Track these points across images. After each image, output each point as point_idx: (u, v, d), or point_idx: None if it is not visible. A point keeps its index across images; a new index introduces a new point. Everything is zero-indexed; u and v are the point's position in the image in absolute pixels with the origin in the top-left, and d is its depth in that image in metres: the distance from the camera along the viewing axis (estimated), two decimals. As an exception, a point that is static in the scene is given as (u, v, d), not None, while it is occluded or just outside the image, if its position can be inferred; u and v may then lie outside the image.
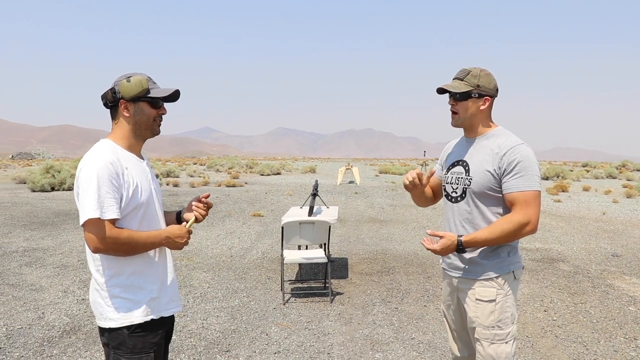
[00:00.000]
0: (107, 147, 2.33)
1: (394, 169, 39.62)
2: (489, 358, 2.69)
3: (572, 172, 34.78)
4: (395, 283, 6.85)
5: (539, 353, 4.58)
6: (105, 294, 2.29)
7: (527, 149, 2.65)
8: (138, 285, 2.33)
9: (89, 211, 2.16)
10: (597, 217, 13.60)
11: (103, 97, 2.40)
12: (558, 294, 6.38)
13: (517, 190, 2.60)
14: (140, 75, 2.37)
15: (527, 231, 2.61)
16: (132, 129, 2.40)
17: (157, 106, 2.43)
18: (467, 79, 2.73)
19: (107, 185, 2.20)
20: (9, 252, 8.49)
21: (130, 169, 2.33)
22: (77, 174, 2.25)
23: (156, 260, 2.42)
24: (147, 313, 2.34)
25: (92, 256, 2.30)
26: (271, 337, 4.94)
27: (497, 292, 2.69)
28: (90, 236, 2.17)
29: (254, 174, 36.58)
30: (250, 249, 9.03)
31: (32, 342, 4.74)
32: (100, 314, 2.31)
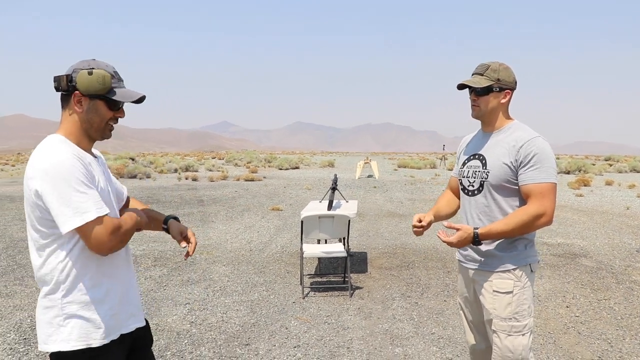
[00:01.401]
0: (63, 142, 2.02)
1: (413, 163, 39.47)
2: (506, 350, 2.71)
3: (595, 166, 34.37)
4: (415, 277, 6.81)
5: (562, 349, 4.52)
6: (59, 312, 1.98)
7: (543, 141, 2.69)
8: (98, 299, 2.03)
9: (90, 211, 1.90)
10: (620, 211, 13.41)
11: (56, 80, 2.04)
12: (581, 289, 6.30)
13: (532, 182, 2.64)
14: (104, 67, 2.06)
15: (542, 222, 2.63)
16: (81, 126, 2.08)
17: (115, 108, 2.11)
18: (487, 74, 2.76)
19: (85, 179, 1.94)
20: (31, 245, 8.59)
21: (92, 164, 2.09)
22: (39, 174, 1.91)
23: (118, 271, 2.14)
24: (107, 334, 2.04)
25: (45, 269, 1.99)
26: (291, 331, 4.93)
27: (514, 284, 2.72)
28: (97, 237, 1.91)
29: (273, 168, 36.69)
30: (270, 243, 9.04)
31: (55, 334, 4.78)
32: (48, 336, 2.00)
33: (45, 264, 1.99)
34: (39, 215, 1.95)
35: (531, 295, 2.76)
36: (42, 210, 1.93)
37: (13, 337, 4.69)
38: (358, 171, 27.09)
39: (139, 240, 9.04)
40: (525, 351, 2.69)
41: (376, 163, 28.41)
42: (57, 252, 1.98)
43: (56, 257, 1.98)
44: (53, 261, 1.98)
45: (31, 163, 1.96)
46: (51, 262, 1.98)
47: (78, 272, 1.99)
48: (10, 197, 15.76)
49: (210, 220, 11.58)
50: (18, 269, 7.03)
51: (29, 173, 1.95)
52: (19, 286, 6.24)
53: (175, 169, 31.12)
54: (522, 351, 2.68)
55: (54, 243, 1.97)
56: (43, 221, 1.95)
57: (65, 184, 1.88)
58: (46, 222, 1.95)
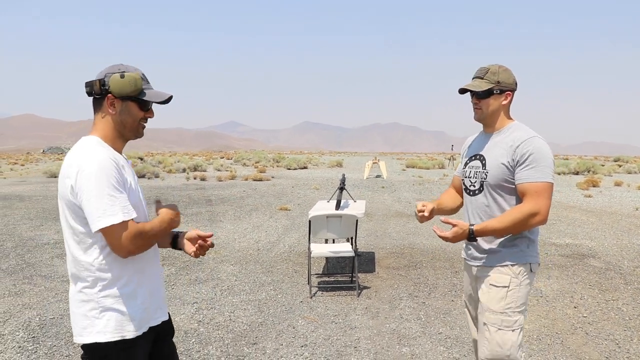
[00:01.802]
0: (99, 144, 2.12)
1: (421, 163, 39.39)
2: (495, 344, 2.75)
3: (604, 167, 34.19)
4: (423, 277, 6.81)
5: (569, 350, 4.51)
6: (95, 305, 2.07)
7: (540, 141, 2.71)
8: (131, 294, 2.13)
9: (116, 214, 1.98)
10: (629, 212, 13.34)
11: (88, 85, 2.16)
12: (589, 290, 6.28)
13: (528, 181, 2.67)
14: (134, 71, 2.17)
15: (536, 221, 2.66)
16: (116, 128, 2.18)
17: (145, 108, 2.23)
18: (487, 77, 2.83)
19: (117, 183, 2.02)
20: (41, 244, 8.65)
21: (125, 167, 2.17)
22: (75, 174, 2.00)
23: (148, 267, 2.25)
24: (139, 327, 2.15)
25: (82, 265, 2.08)
26: (298, 330, 4.94)
27: (511, 280, 2.76)
28: (120, 240, 1.99)
29: (281, 167, 36.72)
30: (277, 243, 9.05)
31: (64, 332, 4.82)
32: (83, 328, 2.09)
33: (81, 260, 2.08)
34: (73, 213, 2.05)
35: (527, 295, 2.79)
36: (76, 208, 2.03)
37: (22, 335, 4.73)
38: (366, 171, 27.07)
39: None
40: (514, 348, 2.71)
41: (384, 163, 28.39)
42: (92, 248, 2.07)
43: (91, 254, 2.07)
44: (88, 257, 2.07)
45: (68, 162, 2.05)
46: (87, 258, 2.07)
47: (112, 268, 2.08)
48: (20, 196, 15.87)
49: (218, 220, 11.60)
50: (27, 268, 7.08)
51: (65, 172, 2.04)
52: (27, 285, 6.28)
53: (184, 169, 31.21)
54: (511, 347, 2.71)
55: (89, 240, 2.06)
56: (78, 219, 2.05)
57: (98, 186, 1.97)
58: (81, 220, 2.04)
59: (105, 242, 2.05)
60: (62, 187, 2.07)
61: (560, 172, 31.33)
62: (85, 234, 2.06)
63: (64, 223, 2.12)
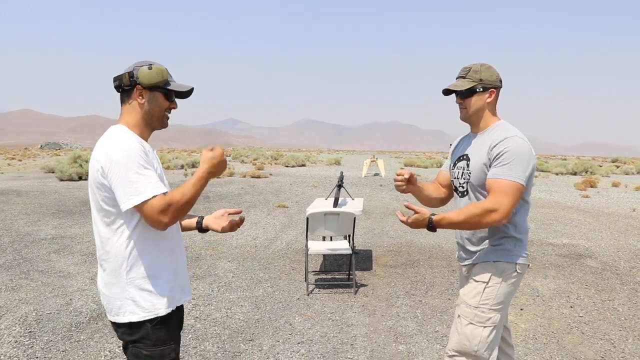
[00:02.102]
0: (126, 131, 2.27)
1: (420, 162, 39.46)
2: (464, 337, 2.74)
3: (601, 168, 34.25)
4: (420, 276, 6.82)
5: (565, 349, 4.52)
6: (126, 287, 2.22)
7: (519, 141, 2.66)
8: (158, 275, 2.27)
9: (147, 190, 2.09)
10: (626, 213, 13.36)
11: (117, 79, 2.32)
12: (585, 290, 6.29)
13: (494, 177, 2.64)
14: (160, 65, 2.33)
15: (492, 219, 2.60)
16: (143, 117, 2.33)
17: (170, 99, 2.39)
18: (469, 76, 2.81)
19: (145, 163, 2.15)
20: (38, 239, 8.64)
21: (150, 153, 2.28)
22: (105, 156, 2.14)
23: (172, 249, 2.36)
24: (169, 304, 2.29)
25: (111, 247, 2.22)
26: (295, 327, 4.95)
27: (491, 277, 2.74)
28: (155, 214, 2.10)
29: (279, 165, 36.70)
30: (275, 240, 9.06)
31: (61, 327, 4.82)
32: (119, 309, 2.23)
33: (110, 243, 2.22)
34: (103, 194, 2.18)
35: (508, 294, 2.76)
36: (107, 189, 2.16)
37: (18, 330, 4.73)
38: (364, 169, 27.07)
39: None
40: (482, 344, 2.69)
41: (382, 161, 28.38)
42: (120, 231, 2.21)
43: (120, 236, 2.21)
44: (117, 240, 2.21)
45: (98, 147, 2.21)
46: (115, 240, 2.21)
47: (140, 249, 2.23)
48: (17, 191, 15.84)
49: (215, 217, 11.57)
50: (24, 263, 7.07)
51: (96, 155, 2.19)
52: (24, 280, 6.28)
53: (182, 165, 31.22)
54: (479, 343, 2.69)
55: (117, 222, 2.20)
56: (107, 200, 2.18)
57: (128, 166, 2.10)
58: (110, 201, 2.17)
59: (133, 225, 2.20)
60: (93, 171, 2.20)
61: (558, 172, 31.38)
62: (114, 216, 2.19)
63: (94, 207, 2.26)
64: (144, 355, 2.25)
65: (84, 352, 4.29)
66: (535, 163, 2.70)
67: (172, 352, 2.31)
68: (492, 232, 2.79)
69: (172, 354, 2.31)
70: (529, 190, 2.76)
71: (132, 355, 2.28)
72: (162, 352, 2.27)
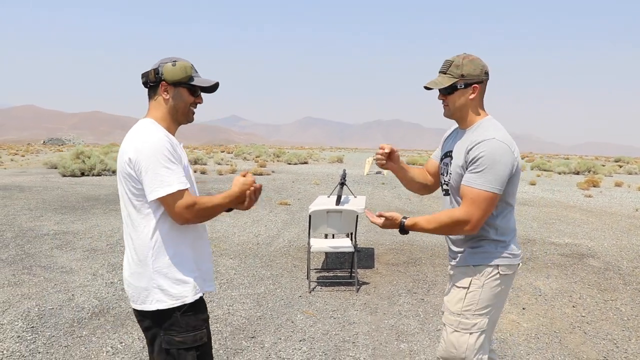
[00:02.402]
0: (154, 124, 2.35)
1: (422, 160, 39.40)
2: (450, 345, 2.69)
3: (604, 167, 34.17)
4: (422, 274, 6.82)
5: (567, 349, 4.52)
6: (153, 276, 2.30)
7: (496, 144, 2.50)
8: (183, 263, 2.34)
9: (173, 184, 2.19)
10: (629, 213, 13.34)
11: (144, 75, 2.41)
12: (587, 289, 6.28)
13: (468, 185, 2.54)
14: (184, 61, 2.40)
15: (464, 230, 2.56)
16: (169, 112, 2.41)
17: (195, 94, 2.45)
18: (450, 71, 2.63)
19: (172, 157, 2.23)
20: (40, 234, 8.65)
21: (177, 147, 2.36)
22: (133, 148, 2.23)
23: (196, 241, 2.44)
24: (197, 291, 2.37)
25: (139, 237, 2.30)
26: (296, 324, 4.95)
27: (471, 281, 2.66)
28: (178, 208, 2.21)
29: (281, 162, 36.71)
30: (277, 237, 9.06)
31: (63, 322, 4.83)
32: (146, 297, 2.32)
33: (136, 233, 2.31)
34: (130, 186, 2.27)
35: (493, 298, 2.66)
36: (134, 180, 2.25)
37: (21, 325, 4.73)
38: (366, 167, 27.07)
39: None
40: (470, 351, 2.63)
41: (385, 160, 28.33)
42: (146, 221, 2.29)
43: (145, 226, 2.29)
44: (143, 229, 2.30)
45: (127, 140, 2.30)
46: (141, 230, 2.30)
47: (165, 239, 2.31)
48: (20, 186, 15.86)
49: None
50: (26, 258, 7.08)
51: (124, 148, 2.28)
52: (27, 275, 6.28)
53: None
54: (467, 350, 2.63)
55: (144, 213, 2.29)
56: (134, 191, 2.27)
57: (155, 159, 2.19)
58: (137, 192, 2.26)
59: (159, 215, 2.28)
60: (121, 162, 2.29)
61: (560, 171, 31.35)
62: (141, 207, 2.28)
63: (122, 199, 2.35)
64: (176, 342, 2.32)
65: (85, 347, 4.30)
66: (516, 164, 2.56)
67: (203, 336, 2.38)
68: (472, 235, 2.68)
69: (204, 338, 2.39)
70: (512, 193, 2.64)
71: (165, 343, 2.33)
72: (195, 337, 2.34)
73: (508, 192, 2.60)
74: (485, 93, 2.72)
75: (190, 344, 2.33)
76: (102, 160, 21.87)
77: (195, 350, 2.34)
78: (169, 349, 2.33)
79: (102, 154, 24.55)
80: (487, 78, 2.68)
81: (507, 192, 2.60)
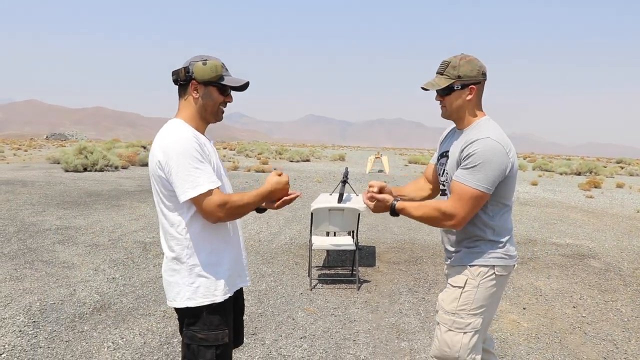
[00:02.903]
0: (182, 125, 2.35)
1: (424, 159, 39.40)
2: (444, 344, 2.69)
3: (606, 168, 34.14)
4: (423, 273, 6.83)
5: (567, 349, 4.52)
6: (186, 274, 2.35)
7: (491, 143, 2.48)
8: (216, 262, 2.39)
9: (203, 184, 2.21)
10: (630, 214, 13.33)
11: (174, 73, 2.42)
12: (588, 290, 6.29)
13: (458, 180, 2.54)
14: (215, 60, 2.39)
15: (448, 224, 2.57)
16: (198, 111, 2.42)
17: (225, 93, 2.46)
18: (447, 72, 2.62)
19: (201, 157, 2.25)
20: (42, 229, 8.67)
21: (207, 145, 2.39)
22: (162, 151, 2.25)
23: (231, 237, 2.49)
24: (226, 291, 2.41)
25: (172, 237, 2.34)
26: (297, 322, 4.96)
27: (467, 281, 2.67)
28: (209, 207, 2.23)
29: (283, 160, 36.73)
30: (279, 234, 9.07)
31: (64, 317, 4.84)
32: (177, 294, 2.37)
33: (172, 232, 2.35)
34: (161, 187, 2.31)
35: (488, 298, 2.66)
36: (165, 183, 2.28)
37: (22, 319, 4.75)
38: (369, 165, 27.07)
39: (148, 228, 9.10)
40: (464, 350, 2.63)
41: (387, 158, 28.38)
42: (179, 220, 2.33)
43: (179, 225, 2.33)
44: (177, 229, 2.34)
45: (156, 142, 2.31)
46: (175, 229, 2.34)
47: (199, 238, 2.34)
48: (23, 181, 15.89)
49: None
50: (28, 253, 7.10)
51: (154, 150, 2.30)
52: (29, 270, 6.30)
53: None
54: (460, 349, 2.64)
55: (177, 212, 2.33)
56: (166, 192, 2.31)
57: (184, 159, 2.21)
58: (168, 193, 2.30)
59: (191, 214, 2.31)
60: (152, 165, 2.32)
61: (562, 172, 31.33)
62: (174, 207, 2.32)
63: (156, 199, 2.39)
64: (198, 339, 2.36)
65: (87, 342, 4.31)
66: (510, 164, 2.53)
67: (225, 336, 2.41)
68: (468, 235, 2.70)
69: (225, 339, 2.41)
70: (508, 194, 2.63)
71: (187, 338, 2.39)
72: (216, 336, 2.38)
73: (504, 192, 2.60)
74: (483, 94, 2.70)
75: (211, 342, 2.37)
76: (105, 156, 21.90)
77: (215, 349, 2.38)
78: (190, 344, 2.38)
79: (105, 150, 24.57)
80: (484, 79, 2.66)
81: (503, 192, 2.60)
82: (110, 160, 22.01)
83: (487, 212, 2.62)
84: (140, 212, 10.98)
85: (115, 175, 19.35)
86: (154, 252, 7.41)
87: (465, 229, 2.67)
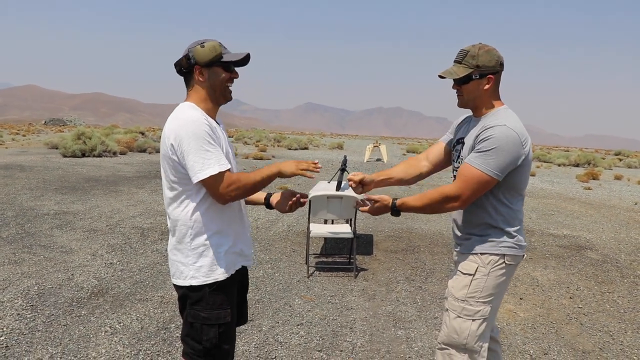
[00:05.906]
0: (192, 107, 2.38)
1: (422, 148, 39.36)
2: (452, 330, 2.70)
3: (604, 160, 34.15)
4: (420, 262, 6.84)
5: (563, 340, 4.54)
6: (189, 253, 2.40)
7: (506, 130, 2.47)
8: (220, 243, 2.43)
9: (214, 166, 2.25)
10: (628, 206, 13.36)
11: (177, 64, 2.46)
12: (585, 281, 6.31)
13: (467, 162, 2.54)
14: (212, 40, 2.42)
15: (451, 206, 2.57)
16: (208, 93, 2.45)
17: (229, 70, 2.47)
18: (465, 61, 2.61)
19: (211, 139, 2.29)
20: (41, 214, 8.66)
21: (217, 129, 2.42)
22: (174, 135, 2.27)
23: (236, 217, 2.53)
24: (228, 270, 2.45)
25: (177, 217, 2.39)
26: (295, 309, 4.97)
27: (477, 268, 2.66)
28: (220, 189, 2.28)
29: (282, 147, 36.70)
30: (276, 222, 9.07)
31: (62, 301, 4.85)
32: (181, 273, 2.42)
33: (177, 212, 2.41)
34: (172, 169, 2.35)
35: (497, 286, 2.66)
36: (176, 164, 2.32)
37: (20, 303, 4.75)
38: (367, 154, 27.07)
39: (146, 214, 9.10)
40: (472, 337, 2.65)
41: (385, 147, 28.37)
42: (186, 202, 2.38)
43: (186, 206, 2.39)
44: (183, 209, 2.39)
45: (167, 125, 2.34)
46: (181, 210, 2.39)
47: (204, 220, 2.39)
48: (21, 166, 15.86)
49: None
50: (27, 237, 7.10)
51: (166, 132, 2.32)
52: (27, 254, 6.30)
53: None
54: (468, 336, 2.65)
55: (184, 194, 2.38)
56: (176, 174, 2.35)
57: (195, 142, 2.25)
58: (178, 175, 2.34)
59: (200, 197, 2.37)
60: (163, 147, 2.35)
61: (560, 163, 31.35)
62: (182, 188, 2.36)
63: (164, 180, 2.44)
64: (201, 317, 2.41)
65: (84, 327, 4.32)
66: (524, 153, 2.52)
67: (227, 315, 2.45)
68: (479, 222, 2.68)
69: (228, 317, 2.45)
70: (522, 183, 2.63)
71: (190, 317, 2.44)
72: (219, 315, 2.42)
73: (519, 182, 2.60)
74: (500, 83, 2.70)
75: (214, 320, 2.41)
76: (103, 142, 21.85)
77: (218, 327, 2.42)
78: (193, 322, 2.42)
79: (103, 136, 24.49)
80: (502, 69, 2.66)
81: (518, 182, 2.59)
82: (109, 146, 21.96)
83: (500, 199, 2.62)
84: (138, 197, 10.98)
85: (113, 161, 19.32)
86: (152, 238, 7.41)
87: (477, 216, 2.67)
